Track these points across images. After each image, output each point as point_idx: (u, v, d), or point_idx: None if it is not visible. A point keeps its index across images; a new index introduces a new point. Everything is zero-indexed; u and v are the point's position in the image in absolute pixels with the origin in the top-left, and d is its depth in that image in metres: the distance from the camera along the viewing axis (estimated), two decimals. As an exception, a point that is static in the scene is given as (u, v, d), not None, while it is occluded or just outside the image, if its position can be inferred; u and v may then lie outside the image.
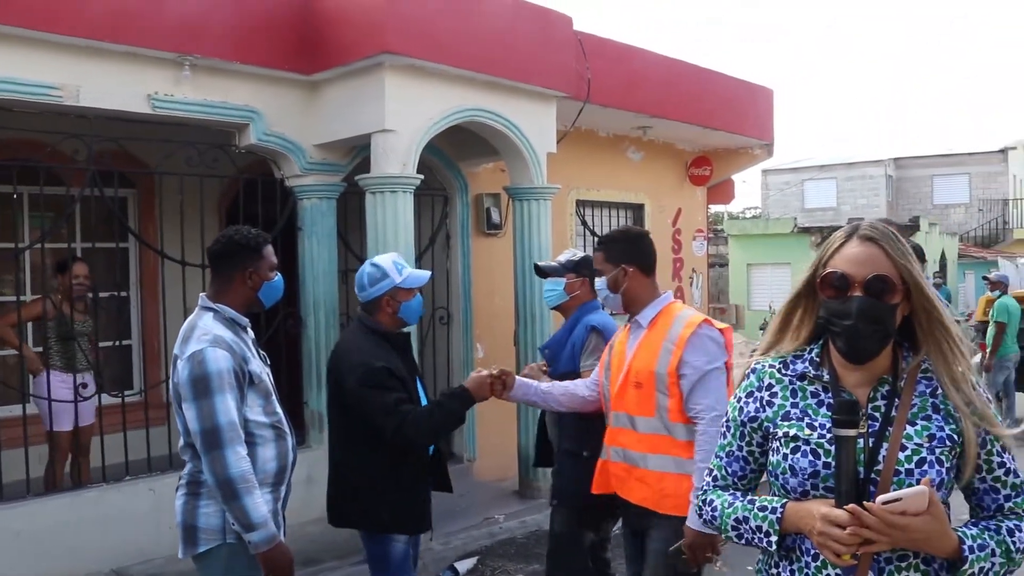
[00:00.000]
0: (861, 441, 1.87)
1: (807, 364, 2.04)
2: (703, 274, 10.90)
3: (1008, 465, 1.89)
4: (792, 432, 1.96)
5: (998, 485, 1.90)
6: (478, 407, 7.72)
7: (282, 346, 6.71)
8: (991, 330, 10.69)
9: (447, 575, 5.79)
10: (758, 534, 1.97)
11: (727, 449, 2.14)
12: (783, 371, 2.07)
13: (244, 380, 3.05)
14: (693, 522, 3.11)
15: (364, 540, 3.83)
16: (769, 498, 2.00)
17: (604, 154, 9.27)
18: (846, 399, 1.90)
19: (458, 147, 7.65)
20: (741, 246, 23.95)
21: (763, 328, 16.50)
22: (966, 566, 1.78)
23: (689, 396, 3.25)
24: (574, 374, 3.98)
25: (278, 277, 3.33)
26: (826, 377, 1.99)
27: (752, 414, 2.07)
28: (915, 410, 1.90)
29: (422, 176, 6.32)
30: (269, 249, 3.29)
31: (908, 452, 1.85)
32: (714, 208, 27.62)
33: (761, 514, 1.97)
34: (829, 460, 1.89)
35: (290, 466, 3.24)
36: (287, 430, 3.23)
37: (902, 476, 1.83)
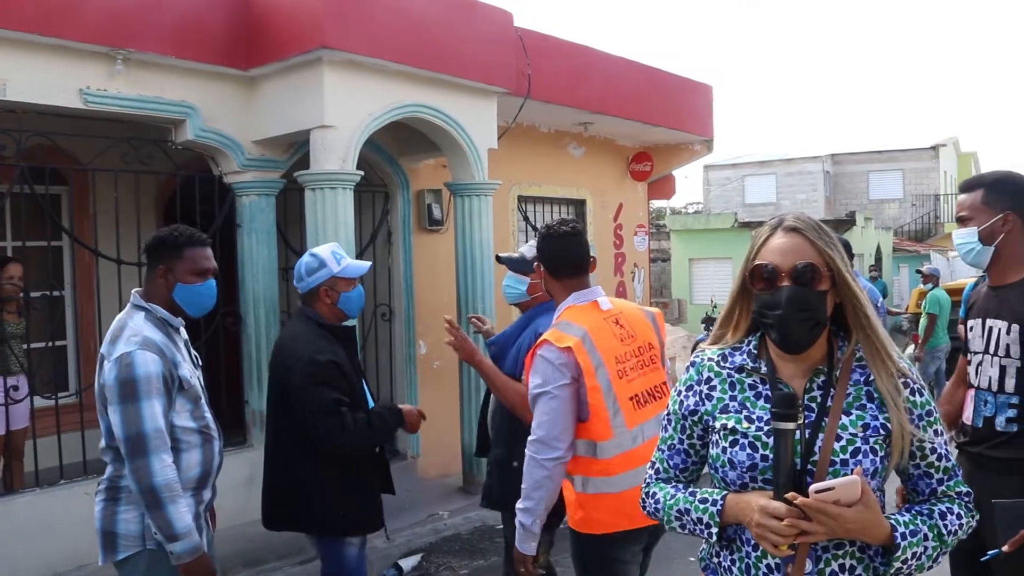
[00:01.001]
0: (799, 433, 1.91)
1: (745, 356, 2.07)
2: (645, 269, 11.01)
3: (939, 450, 1.94)
4: (731, 425, 1.99)
5: (931, 470, 1.95)
6: (421, 401, 7.76)
7: (221, 345, 6.64)
8: (923, 321, 11.01)
9: (391, 573, 5.77)
10: (699, 525, 2.01)
11: (669, 442, 2.17)
12: (722, 364, 2.10)
13: (173, 385, 2.97)
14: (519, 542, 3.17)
15: (317, 545, 3.78)
16: (710, 490, 2.03)
17: (545, 150, 9.30)
18: (784, 392, 1.94)
19: (399, 143, 7.62)
20: (683, 241, 24.21)
21: (704, 322, 16.65)
22: (899, 552, 1.84)
23: None
24: (516, 379, 3.78)
25: (204, 283, 3.12)
26: (763, 369, 2.03)
27: (692, 407, 2.10)
28: (850, 399, 1.93)
29: (362, 172, 6.28)
30: (196, 252, 3.10)
31: (843, 442, 1.88)
32: (656, 203, 27.86)
33: (702, 506, 2.01)
34: (767, 453, 1.92)
35: (215, 470, 3.18)
36: (214, 434, 3.16)
37: (837, 466, 1.87)
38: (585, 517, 3.17)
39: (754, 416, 1.98)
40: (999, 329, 3.03)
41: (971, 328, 3.19)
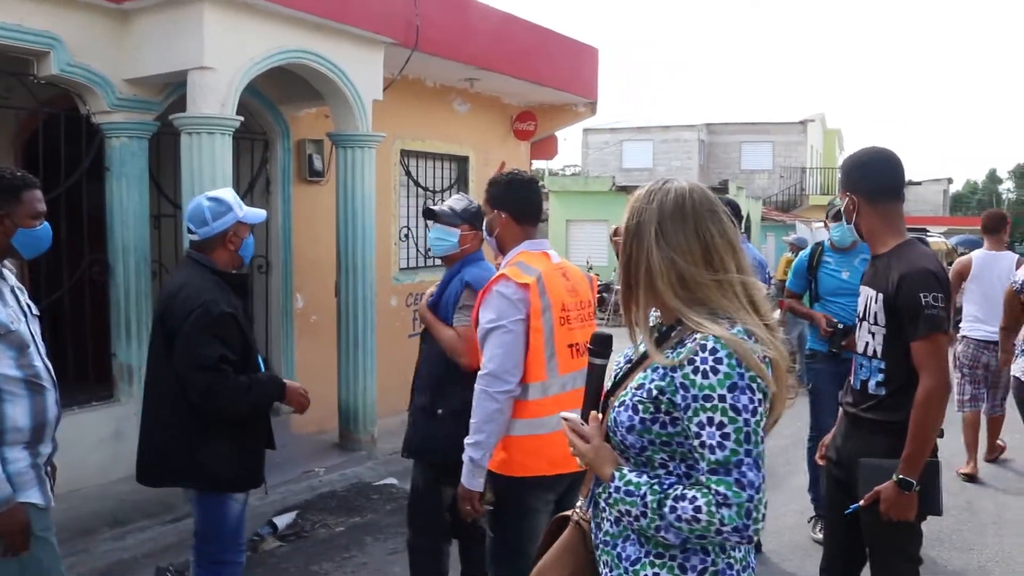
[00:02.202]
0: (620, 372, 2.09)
1: None
2: (525, 229, 11.04)
3: (706, 439, 1.82)
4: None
5: (698, 456, 1.86)
6: (297, 356, 7.62)
7: (87, 295, 6.33)
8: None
9: (266, 531, 5.65)
10: None
11: None
12: None
13: None
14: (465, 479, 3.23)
15: (196, 502, 3.62)
16: None
17: (430, 105, 9.17)
18: (601, 333, 2.16)
19: (281, 90, 7.38)
20: (561, 202, 24.45)
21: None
22: (601, 491, 1.99)
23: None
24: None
25: (43, 226, 3.04)
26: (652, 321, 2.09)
27: None
28: (654, 360, 1.95)
29: (242, 118, 6.04)
30: (31, 194, 3.00)
31: (625, 392, 1.99)
32: (536, 164, 28.01)
33: None
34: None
35: (51, 422, 3.03)
36: (47, 384, 3.00)
37: (617, 408, 1.98)
38: (506, 459, 3.21)
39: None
40: (870, 297, 3.20)
41: (859, 295, 3.35)
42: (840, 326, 5.16)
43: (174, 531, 5.40)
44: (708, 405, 1.82)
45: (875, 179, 3.22)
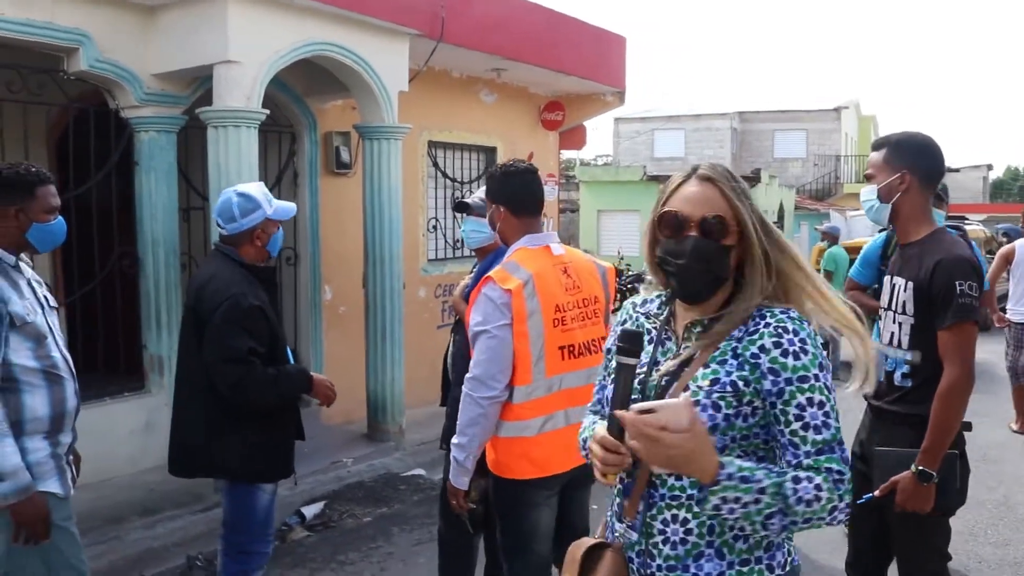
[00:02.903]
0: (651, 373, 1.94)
1: (655, 303, 2.08)
2: (554, 219, 11.02)
3: (809, 420, 1.79)
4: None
5: (797, 440, 1.79)
6: (326, 347, 7.66)
7: (117, 287, 6.40)
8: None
9: (294, 520, 5.70)
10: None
11: (599, 376, 2.21)
12: (637, 308, 2.12)
13: (2, 322, 2.87)
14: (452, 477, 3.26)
15: (227, 492, 3.68)
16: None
17: (457, 95, 9.17)
18: (630, 330, 1.91)
19: (307, 82, 7.41)
20: (592, 192, 24.33)
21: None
22: (717, 487, 1.71)
23: None
24: None
25: (56, 220, 3.09)
26: (664, 315, 2.02)
27: (609, 345, 2.12)
28: (716, 353, 1.88)
29: (268, 111, 6.08)
30: (45, 189, 3.06)
31: (692, 393, 1.84)
32: (566, 154, 27.86)
33: (584, 435, 2.11)
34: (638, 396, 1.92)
35: (70, 412, 3.10)
36: (65, 375, 3.07)
37: None
38: (497, 460, 3.21)
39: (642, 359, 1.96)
40: (899, 286, 3.13)
41: (884, 284, 3.28)
42: None
43: (203, 520, 5.46)
44: (806, 386, 1.79)
45: (932, 163, 3.15)
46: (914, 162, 3.11)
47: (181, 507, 5.55)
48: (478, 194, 4.05)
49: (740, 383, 1.82)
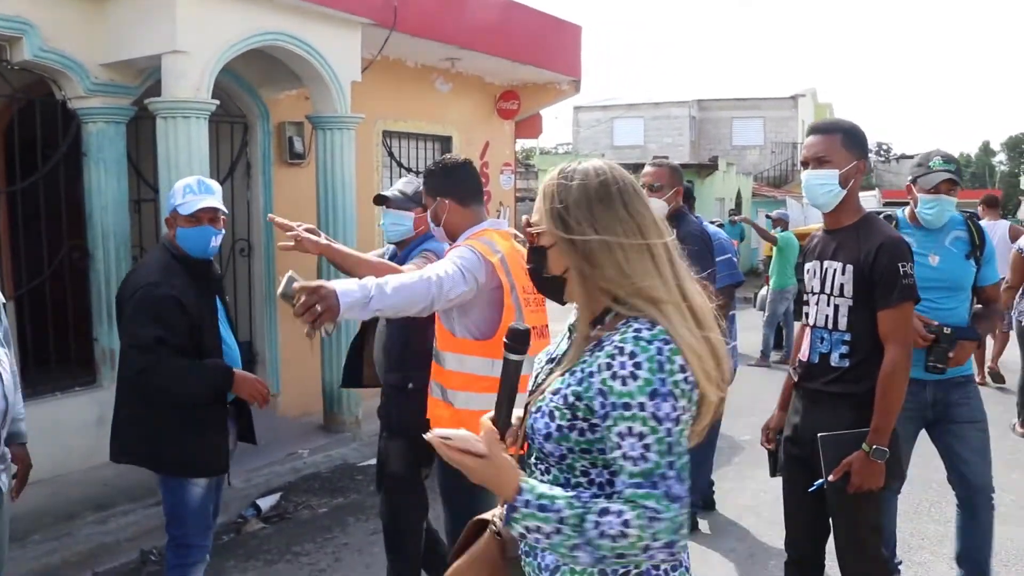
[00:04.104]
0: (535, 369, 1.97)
1: None
2: (511, 207, 11.05)
3: (627, 451, 1.68)
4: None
5: (617, 468, 1.71)
6: (282, 340, 7.62)
7: (67, 280, 6.33)
8: (772, 263, 11.54)
9: (250, 513, 5.69)
10: None
11: None
12: None
13: None
14: None
15: (160, 484, 3.68)
16: None
17: (412, 85, 9.14)
18: (518, 328, 1.86)
19: (259, 72, 7.34)
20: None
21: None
22: (516, 514, 1.70)
23: None
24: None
25: None
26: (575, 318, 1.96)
27: None
28: (577, 362, 1.82)
29: (218, 102, 6.03)
30: None
31: (543, 397, 1.83)
32: (527, 143, 27.82)
33: None
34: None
35: None
36: None
37: (533, 415, 1.84)
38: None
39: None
40: (834, 270, 3.20)
41: (808, 270, 3.35)
42: (946, 330, 3.68)
43: (157, 514, 5.36)
44: (627, 414, 1.67)
45: (866, 149, 3.27)
46: (864, 151, 3.24)
47: (135, 501, 5.50)
48: (398, 186, 4.10)
49: (572, 397, 1.76)
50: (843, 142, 3.20)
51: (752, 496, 6.03)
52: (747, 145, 35.36)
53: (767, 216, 14.34)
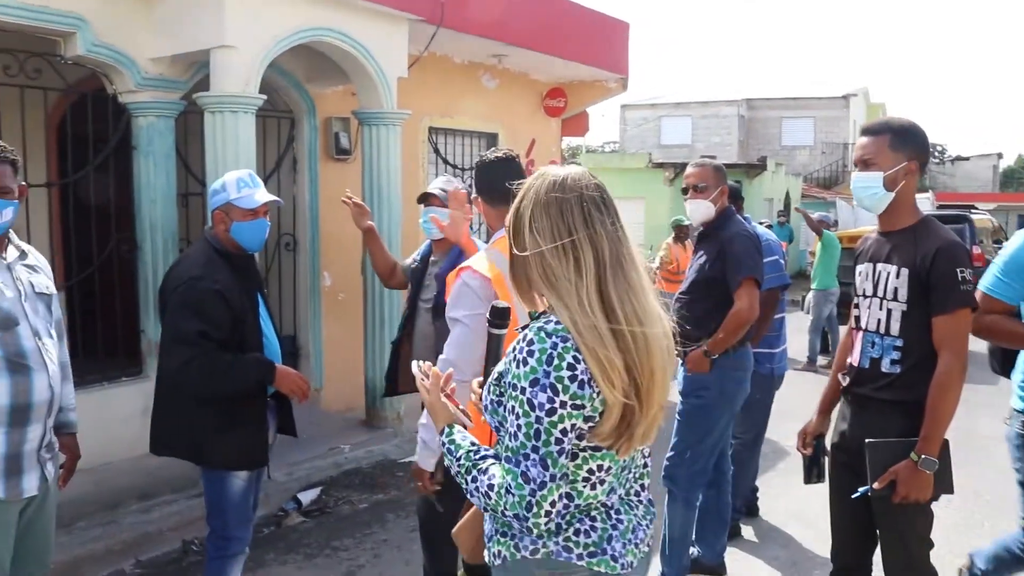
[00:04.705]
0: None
1: None
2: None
3: (509, 426, 1.89)
4: None
5: (501, 439, 1.98)
6: (325, 334, 7.65)
7: (115, 272, 6.41)
8: (815, 264, 11.34)
9: (291, 506, 5.72)
10: None
11: None
12: None
13: None
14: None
15: (201, 476, 3.70)
16: None
17: (458, 81, 9.14)
18: (498, 305, 2.22)
19: (306, 68, 7.39)
20: (600, 179, 24.26)
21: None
22: (443, 450, 2.06)
23: None
24: None
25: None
26: None
27: None
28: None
29: (265, 96, 6.06)
30: None
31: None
32: (573, 141, 27.74)
33: None
34: None
35: (37, 405, 2.92)
36: (34, 365, 2.91)
37: (491, 380, 2.04)
38: None
39: None
40: (888, 273, 3.10)
41: (860, 272, 3.26)
42: None
43: (199, 505, 5.41)
44: (513, 394, 1.86)
45: (928, 152, 3.16)
46: (918, 150, 3.10)
47: (178, 492, 5.56)
48: (438, 184, 4.09)
49: (499, 374, 1.96)
50: (891, 143, 3.09)
51: (797, 503, 5.92)
52: (797, 145, 34.88)
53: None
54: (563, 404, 1.82)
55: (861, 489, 3.07)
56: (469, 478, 1.95)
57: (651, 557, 2.35)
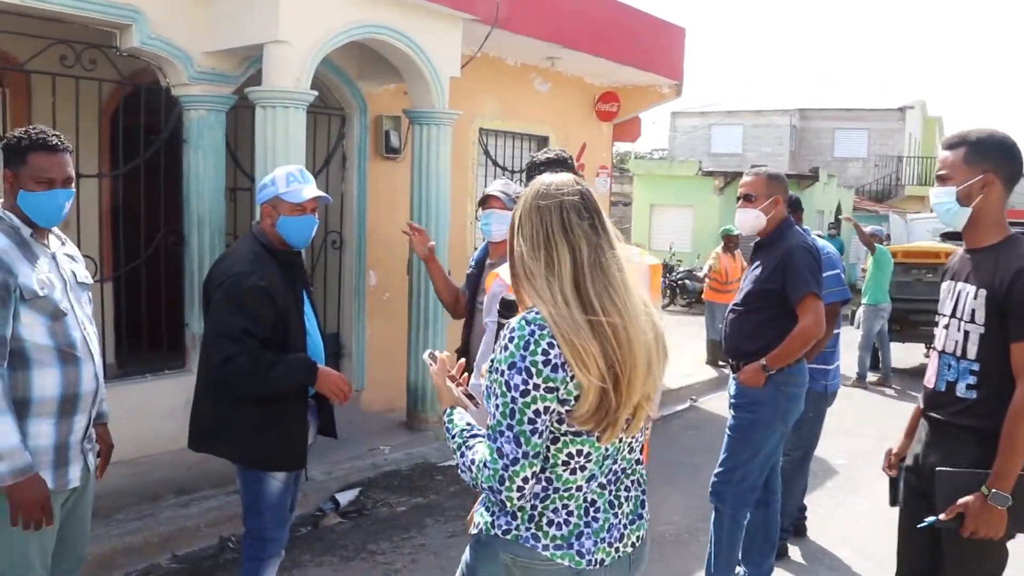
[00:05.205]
0: None
1: None
2: (606, 211, 10.84)
3: (491, 407, 2.06)
4: None
5: None
6: (369, 334, 7.61)
7: (162, 265, 6.41)
8: (867, 279, 11.05)
9: (328, 506, 5.67)
10: None
11: None
12: None
13: (9, 294, 2.75)
14: None
15: (238, 475, 3.64)
16: None
17: (510, 83, 9.05)
18: (508, 298, 2.45)
19: (358, 65, 7.35)
20: (645, 186, 24.08)
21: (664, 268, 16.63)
22: (445, 415, 2.30)
23: None
24: None
25: (48, 192, 2.84)
26: None
27: None
28: None
29: (316, 93, 6.03)
30: (40, 158, 2.83)
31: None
32: (622, 147, 27.54)
33: None
34: None
35: (84, 395, 2.94)
36: (83, 356, 2.91)
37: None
38: None
39: None
40: (967, 293, 2.92)
41: (943, 290, 3.08)
42: None
43: (237, 502, 5.29)
44: (494, 376, 2.04)
45: (1016, 163, 2.93)
46: (997, 163, 2.90)
47: (217, 487, 5.52)
48: (497, 186, 4.01)
49: (492, 362, 2.08)
50: (965, 156, 2.91)
51: (847, 526, 5.75)
52: (849, 157, 34.26)
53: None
54: (536, 387, 1.98)
55: (928, 519, 2.89)
56: (459, 454, 2.15)
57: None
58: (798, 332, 4.13)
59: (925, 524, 2.91)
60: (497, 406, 2.02)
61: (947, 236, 16.67)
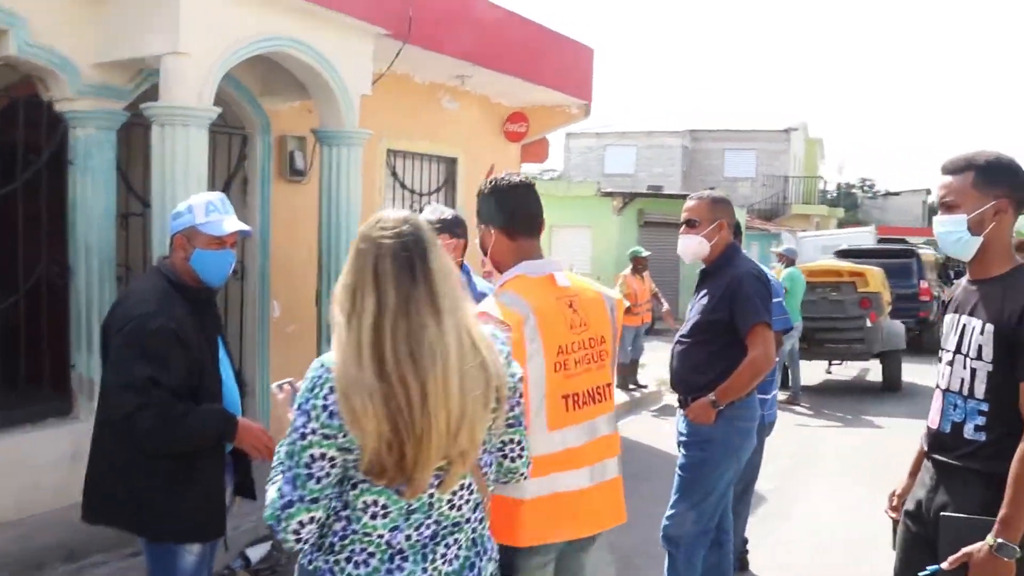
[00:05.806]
0: None
1: None
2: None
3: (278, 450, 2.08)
4: None
5: None
6: (273, 368, 7.12)
7: (44, 299, 5.80)
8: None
9: (238, 564, 5.14)
10: None
11: None
12: None
13: None
14: None
15: (145, 549, 3.16)
16: None
17: (419, 102, 8.71)
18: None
19: (261, 80, 6.91)
20: (544, 207, 24.03)
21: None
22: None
23: None
24: None
25: None
26: None
27: None
28: None
29: (220, 109, 5.57)
30: None
31: None
32: (524, 167, 27.47)
33: None
34: None
35: None
36: None
37: None
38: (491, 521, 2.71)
39: None
40: (973, 328, 2.69)
41: (945, 324, 2.86)
42: None
43: (136, 566, 4.85)
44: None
45: (1014, 181, 2.71)
46: (1010, 188, 2.69)
47: (110, 551, 4.94)
48: (424, 215, 3.83)
49: None
50: (975, 181, 2.68)
51: (784, 554, 5.62)
52: (739, 177, 35.24)
53: (771, 251, 14.00)
54: (313, 431, 1.90)
55: (930, 568, 2.66)
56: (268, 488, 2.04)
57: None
58: (748, 364, 3.96)
59: (927, 573, 2.67)
60: (283, 444, 1.99)
61: (842, 254, 17.17)
